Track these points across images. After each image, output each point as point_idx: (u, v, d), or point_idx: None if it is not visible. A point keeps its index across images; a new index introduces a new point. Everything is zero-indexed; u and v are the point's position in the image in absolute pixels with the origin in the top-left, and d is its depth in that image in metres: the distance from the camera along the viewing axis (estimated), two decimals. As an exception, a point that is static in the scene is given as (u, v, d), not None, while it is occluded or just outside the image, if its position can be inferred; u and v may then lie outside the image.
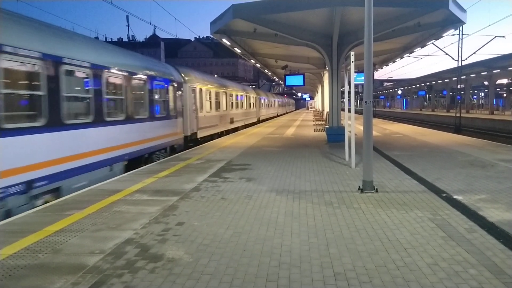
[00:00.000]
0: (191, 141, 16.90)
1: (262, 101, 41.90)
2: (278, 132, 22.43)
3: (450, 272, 3.75)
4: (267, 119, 42.97)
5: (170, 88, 14.16)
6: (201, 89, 18.38)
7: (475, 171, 8.98)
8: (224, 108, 23.39)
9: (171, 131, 14.01)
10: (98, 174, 9.10)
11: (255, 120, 35.96)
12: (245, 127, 28.76)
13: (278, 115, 56.68)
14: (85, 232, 5.09)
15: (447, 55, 36.43)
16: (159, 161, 11.73)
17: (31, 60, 6.98)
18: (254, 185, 7.84)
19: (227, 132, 23.73)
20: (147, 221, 5.49)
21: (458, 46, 33.54)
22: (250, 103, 33.45)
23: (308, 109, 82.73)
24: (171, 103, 14.13)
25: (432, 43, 20.07)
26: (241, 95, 29.42)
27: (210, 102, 20.20)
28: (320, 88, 39.58)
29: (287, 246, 4.49)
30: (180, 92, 15.27)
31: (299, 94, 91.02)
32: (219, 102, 22.07)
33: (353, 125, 10.62)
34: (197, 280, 3.67)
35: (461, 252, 4.22)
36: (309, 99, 78.11)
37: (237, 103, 27.70)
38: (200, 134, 17.95)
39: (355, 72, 9.67)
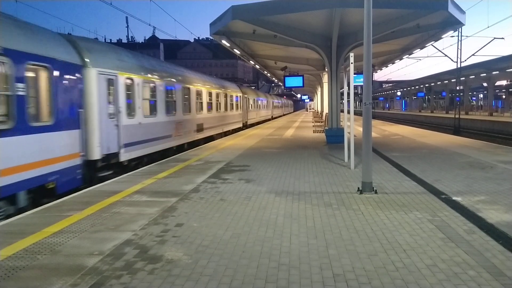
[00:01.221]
0: (108, 167, 10.26)
1: (251, 101, 34.26)
2: (277, 133, 22.43)
3: (450, 273, 3.75)
4: (258, 123, 36.55)
5: (43, 74, 7.95)
6: (131, 80, 11.38)
7: (474, 172, 8.99)
8: (185, 111, 16.09)
9: (36, 158, 7.50)
10: None
11: (240, 125, 28.48)
12: (225, 135, 22.59)
13: (272, 118, 49.81)
14: (84, 233, 5.08)
15: (446, 57, 36.49)
16: (159, 162, 11.64)
17: None
18: (254, 186, 7.83)
19: (193, 144, 16.77)
20: (146, 222, 5.49)
21: (457, 48, 33.63)
22: (232, 104, 25.79)
23: (307, 111, 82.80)
24: (42, 102, 7.98)
25: (431, 44, 20.12)
26: (218, 93, 21.89)
27: (155, 101, 13.13)
28: (319, 89, 39.65)
29: (286, 247, 4.49)
30: (73, 83, 8.93)
31: (298, 96, 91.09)
32: (174, 101, 14.84)
33: (352, 127, 10.62)
34: (196, 281, 3.66)
35: (460, 254, 4.22)
36: (308, 100, 78.16)
37: (211, 103, 20.33)
38: (126, 155, 10.87)
39: (354, 74, 9.67)
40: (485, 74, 43.86)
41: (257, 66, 26.96)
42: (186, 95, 16.39)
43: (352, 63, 9.20)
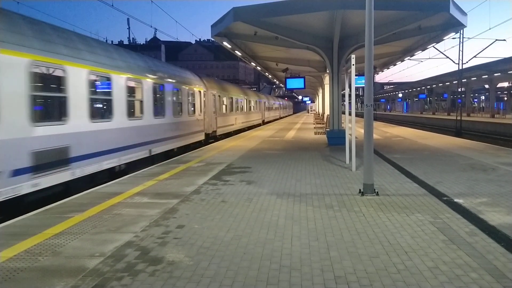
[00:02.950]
0: None
1: (225, 101, 23.96)
2: (278, 135, 22.44)
3: (451, 275, 3.74)
4: (238, 131, 26.80)
5: None
6: None
7: (476, 174, 8.97)
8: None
9: None
10: None
11: (202, 138, 18.79)
12: (168, 158, 13.41)
13: (264, 123, 40.33)
14: (85, 234, 5.08)
15: (448, 58, 36.45)
16: (160, 163, 11.66)
17: None
18: (255, 188, 7.83)
19: (60, 189, 8.24)
20: (147, 224, 5.49)
21: (459, 49, 33.67)
22: (181, 104, 15.85)
23: (308, 112, 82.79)
24: None
25: (433, 46, 20.14)
26: (142, 83, 12.19)
27: None
28: (320, 91, 39.59)
29: (287, 249, 4.48)
30: None
31: (300, 97, 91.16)
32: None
33: (353, 128, 10.61)
34: (197, 283, 3.66)
35: (462, 256, 4.20)
36: (309, 102, 78.19)
37: (129, 101, 11.30)
38: None
39: (355, 75, 9.66)
40: (486, 76, 43.86)
41: (258, 68, 26.97)
42: (43, 84, 7.83)
43: (353, 64, 9.20)
